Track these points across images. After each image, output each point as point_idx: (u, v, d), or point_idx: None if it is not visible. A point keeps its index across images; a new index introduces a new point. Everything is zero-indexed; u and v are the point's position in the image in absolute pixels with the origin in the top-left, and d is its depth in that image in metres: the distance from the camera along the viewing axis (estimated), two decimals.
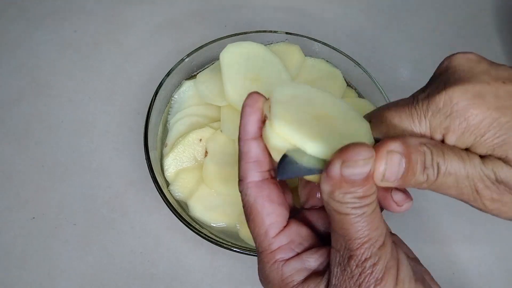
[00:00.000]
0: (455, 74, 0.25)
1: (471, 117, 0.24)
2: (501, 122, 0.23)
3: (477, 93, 0.24)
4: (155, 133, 0.43)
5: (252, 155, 0.25)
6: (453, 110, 0.24)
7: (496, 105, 0.24)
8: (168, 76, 0.44)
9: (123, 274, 0.40)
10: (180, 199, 0.41)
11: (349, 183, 0.22)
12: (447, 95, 0.24)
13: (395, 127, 0.26)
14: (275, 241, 0.25)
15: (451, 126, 0.24)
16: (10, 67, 0.51)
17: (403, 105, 0.26)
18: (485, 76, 0.24)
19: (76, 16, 0.56)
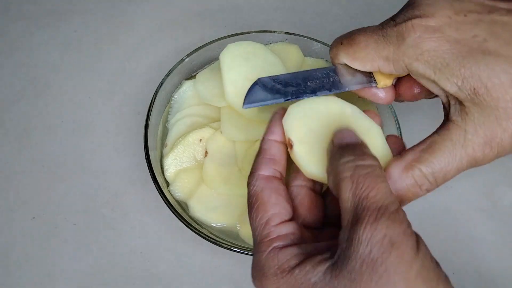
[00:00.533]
0: (420, 7, 0.27)
1: (431, 49, 0.25)
2: (462, 53, 0.24)
3: (437, 27, 0.25)
4: (155, 133, 0.43)
5: (269, 153, 0.27)
6: (416, 42, 0.26)
7: (455, 38, 0.25)
8: (168, 76, 0.44)
9: (123, 274, 0.40)
10: (180, 199, 0.41)
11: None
12: (412, 28, 0.26)
13: (362, 50, 0.28)
14: (275, 229, 0.24)
15: (414, 56, 0.26)
16: (10, 67, 0.51)
17: (372, 31, 0.28)
18: (447, 11, 0.26)
19: (76, 16, 0.56)
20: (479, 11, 0.25)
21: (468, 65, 0.24)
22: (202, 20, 0.56)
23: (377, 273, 0.20)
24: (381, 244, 0.20)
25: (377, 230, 0.20)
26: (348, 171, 0.22)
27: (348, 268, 0.20)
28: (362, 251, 0.20)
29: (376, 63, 0.28)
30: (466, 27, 0.25)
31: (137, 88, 0.51)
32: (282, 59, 0.44)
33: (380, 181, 0.22)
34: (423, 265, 0.20)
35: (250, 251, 0.37)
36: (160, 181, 0.39)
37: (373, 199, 0.21)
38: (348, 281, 0.20)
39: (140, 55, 0.53)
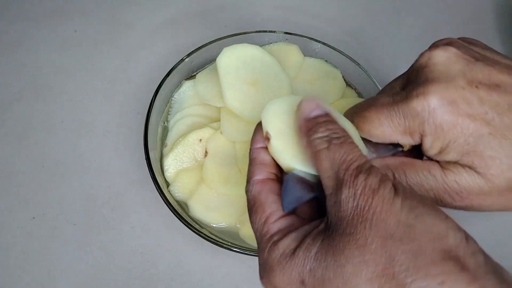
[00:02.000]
0: (433, 74, 0.26)
1: (444, 124, 0.25)
2: (470, 130, 0.25)
3: (452, 100, 0.25)
4: (155, 133, 0.43)
5: (259, 159, 0.27)
6: (429, 116, 0.26)
7: (467, 112, 0.25)
8: (168, 76, 0.44)
9: (123, 274, 0.40)
10: (180, 199, 0.41)
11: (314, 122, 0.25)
12: (425, 101, 0.25)
13: (377, 128, 0.28)
14: (273, 225, 0.25)
15: (427, 131, 0.26)
16: (10, 67, 0.51)
17: (382, 105, 0.28)
18: (461, 80, 0.26)
19: (76, 16, 0.56)
20: (487, 84, 0.26)
21: (473, 144, 0.25)
22: (202, 20, 0.56)
23: (367, 219, 0.21)
24: (364, 194, 0.21)
25: (358, 184, 0.22)
26: (324, 144, 0.24)
27: (342, 227, 0.22)
28: (350, 206, 0.22)
29: (395, 138, 0.28)
30: (478, 102, 0.25)
31: (137, 88, 0.51)
32: (281, 59, 0.44)
33: (353, 146, 0.24)
34: (405, 197, 0.21)
35: (250, 251, 0.37)
36: (160, 181, 0.39)
37: (350, 162, 0.23)
38: (345, 237, 0.21)
39: (140, 55, 0.53)
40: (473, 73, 0.26)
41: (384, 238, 0.20)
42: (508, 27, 0.58)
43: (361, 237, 0.21)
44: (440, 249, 0.20)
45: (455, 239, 0.20)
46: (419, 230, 0.20)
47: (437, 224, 0.21)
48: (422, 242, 0.20)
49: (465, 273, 0.19)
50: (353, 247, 0.21)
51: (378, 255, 0.20)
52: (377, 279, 0.20)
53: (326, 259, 0.21)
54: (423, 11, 0.60)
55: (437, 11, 0.60)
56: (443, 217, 0.21)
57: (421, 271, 0.19)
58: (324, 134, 0.24)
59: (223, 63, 0.41)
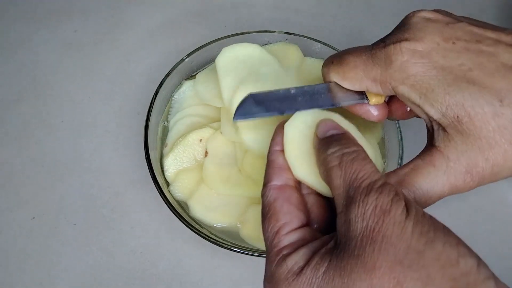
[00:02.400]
0: (410, 30, 0.27)
1: (418, 74, 0.26)
2: (447, 80, 0.25)
3: (425, 53, 0.26)
4: (155, 133, 0.43)
5: (277, 163, 0.27)
6: (403, 65, 0.26)
7: (442, 64, 0.25)
8: (168, 76, 0.44)
9: (123, 274, 0.40)
10: (180, 199, 0.41)
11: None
12: (400, 50, 0.26)
13: (351, 70, 0.29)
14: (285, 238, 0.24)
15: (400, 79, 0.26)
16: (10, 67, 0.51)
17: (361, 51, 0.29)
18: (436, 36, 0.26)
19: (76, 16, 0.56)
20: (467, 40, 0.26)
21: (453, 93, 0.25)
22: (202, 20, 0.56)
23: (376, 241, 0.20)
24: (374, 214, 0.21)
25: (369, 204, 0.21)
26: (336, 160, 0.24)
27: (351, 247, 0.21)
28: (359, 227, 0.21)
29: (364, 84, 0.29)
30: (453, 55, 0.26)
31: (137, 88, 0.51)
32: (281, 59, 0.44)
33: (366, 162, 0.23)
34: (416, 221, 0.21)
35: (250, 251, 0.37)
36: (160, 181, 0.39)
37: (362, 179, 0.22)
38: (353, 259, 0.21)
39: (140, 55, 0.53)
40: (451, 31, 0.26)
41: (393, 263, 0.20)
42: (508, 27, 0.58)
43: (370, 261, 0.20)
44: (450, 277, 0.19)
45: (465, 265, 0.20)
46: (429, 257, 0.20)
47: (448, 251, 0.20)
48: (431, 270, 0.20)
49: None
50: (361, 270, 0.20)
51: (386, 280, 0.20)
52: None
53: (334, 280, 0.21)
54: None
55: None
56: (454, 243, 0.21)
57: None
58: (335, 149, 0.24)
59: (222, 64, 0.40)
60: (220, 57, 0.41)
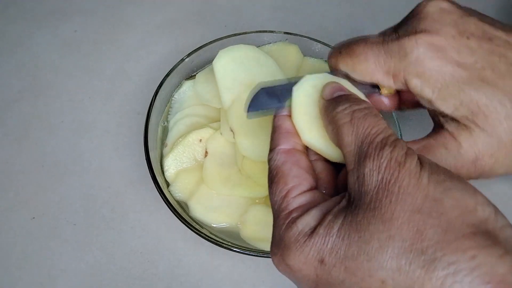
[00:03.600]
0: (426, 21, 0.27)
1: (433, 69, 0.25)
2: (461, 77, 0.25)
3: (440, 47, 0.25)
4: (155, 133, 0.43)
5: (284, 127, 0.26)
6: (419, 59, 0.26)
7: (457, 60, 0.25)
8: (168, 76, 0.44)
9: (123, 274, 0.40)
10: (180, 200, 0.41)
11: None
12: (415, 42, 0.26)
13: (361, 63, 0.28)
14: (294, 200, 0.24)
15: (414, 73, 0.26)
16: (10, 67, 0.51)
17: (372, 43, 0.28)
18: (452, 29, 0.26)
19: (76, 16, 0.56)
20: (480, 36, 0.26)
21: (467, 90, 0.25)
22: (202, 20, 0.56)
23: (393, 192, 0.20)
24: (389, 167, 0.21)
25: (383, 157, 0.21)
26: (347, 117, 0.23)
27: (367, 202, 0.21)
28: (374, 180, 0.21)
29: (376, 77, 0.28)
30: (468, 51, 0.26)
31: (137, 88, 0.51)
32: (281, 59, 0.44)
33: (379, 119, 0.23)
34: (432, 171, 0.21)
35: (250, 251, 0.37)
36: (160, 181, 0.39)
37: (375, 135, 0.22)
38: (370, 212, 0.20)
39: (140, 55, 0.53)
40: (465, 25, 0.26)
41: (411, 212, 0.20)
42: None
43: (387, 212, 0.20)
44: (469, 224, 0.19)
45: (483, 213, 0.20)
46: (448, 205, 0.20)
47: (466, 199, 0.20)
48: (451, 217, 0.19)
49: (497, 247, 0.19)
50: (379, 222, 0.20)
51: (405, 230, 0.19)
52: (405, 254, 0.19)
53: (350, 236, 0.20)
54: None
55: None
56: (472, 192, 0.21)
57: (451, 246, 0.19)
58: (346, 106, 0.24)
59: (219, 66, 0.40)
60: (217, 59, 0.40)
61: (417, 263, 0.19)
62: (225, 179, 0.40)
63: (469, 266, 0.18)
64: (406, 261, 0.19)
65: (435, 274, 0.18)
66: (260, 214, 0.39)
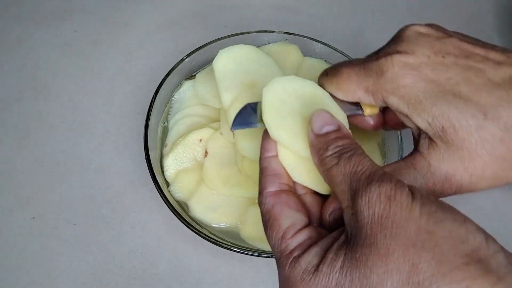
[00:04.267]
0: (403, 43, 0.28)
1: (407, 85, 0.27)
2: (434, 93, 0.26)
3: (415, 65, 0.27)
4: (155, 133, 0.43)
5: (270, 169, 0.28)
6: (393, 77, 0.27)
7: (430, 77, 0.26)
8: (168, 76, 0.44)
9: (123, 274, 0.40)
10: (180, 200, 0.41)
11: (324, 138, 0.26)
12: (391, 62, 0.27)
13: (344, 81, 0.30)
14: (292, 241, 0.25)
15: (390, 90, 0.27)
16: (10, 67, 0.51)
17: (355, 64, 0.30)
18: (427, 50, 0.27)
19: (76, 16, 0.56)
20: (456, 55, 0.27)
21: (439, 104, 0.26)
22: (202, 20, 0.56)
23: (386, 227, 0.21)
24: (379, 201, 0.22)
25: (372, 192, 0.22)
26: (335, 160, 0.25)
27: (362, 237, 0.22)
28: (367, 216, 0.22)
29: (357, 94, 0.29)
30: (442, 69, 0.26)
31: (137, 88, 0.51)
32: (280, 59, 0.44)
33: (363, 157, 0.24)
34: (423, 202, 0.21)
35: (250, 251, 0.37)
36: (160, 181, 0.39)
37: (362, 171, 0.23)
38: (367, 248, 0.21)
39: (140, 55, 0.53)
40: (442, 45, 0.27)
41: (405, 246, 0.20)
42: (508, 27, 0.58)
43: (383, 247, 0.21)
44: (462, 254, 0.20)
45: (475, 241, 0.20)
46: (440, 236, 0.20)
47: (457, 229, 0.21)
48: (444, 249, 0.20)
49: (489, 275, 0.19)
50: (376, 258, 0.21)
51: (401, 264, 0.20)
52: (403, 287, 0.20)
53: (352, 273, 0.21)
54: (424, 11, 0.60)
55: (438, 11, 0.60)
56: (462, 221, 0.21)
57: (446, 278, 0.19)
58: (334, 151, 0.25)
59: (219, 66, 0.40)
60: (217, 59, 0.40)
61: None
62: (225, 179, 0.40)
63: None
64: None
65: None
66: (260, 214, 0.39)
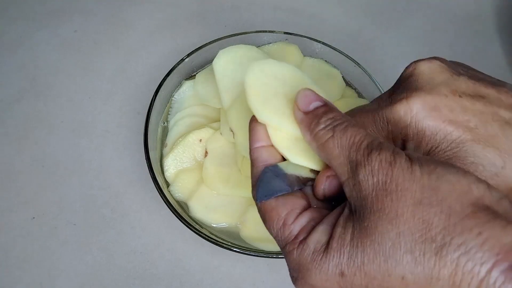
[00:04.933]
0: (417, 82, 0.27)
1: (427, 129, 0.26)
2: (452, 136, 0.25)
3: (434, 106, 0.26)
4: (155, 133, 0.43)
5: (261, 159, 0.27)
6: (412, 121, 0.26)
7: (450, 119, 0.25)
8: (168, 76, 0.44)
9: (123, 274, 0.40)
10: (180, 200, 0.41)
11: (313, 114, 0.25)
12: (408, 105, 0.26)
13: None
14: (294, 226, 0.24)
15: (409, 135, 0.26)
16: (10, 67, 0.51)
17: (367, 111, 0.28)
18: (444, 88, 0.26)
19: (76, 16, 0.56)
20: (471, 95, 0.26)
21: (457, 151, 0.25)
22: (202, 20, 0.56)
23: (392, 191, 0.21)
24: (381, 168, 0.22)
25: (373, 160, 0.22)
26: (329, 133, 0.24)
27: (369, 206, 0.21)
28: (371, 184, 0.22)
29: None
30: (460, 110, 0.26)
31: (137, 88, 0.51)
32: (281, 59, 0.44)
33: (358, 127, 0.24)
34: (421, 163, 0.22)
35: (250, 251, 0.37)
36: (160, 181, 0.39)
37: (359, 142, 0.23)
38: (375, 215, 0.21)
39: (140, 55, 0.53)
40: (456, 84, 0.27)
41: (413, 206, 0.20)
42: (508, 27, 0.58)
43: (391, 211, 0.21)
44: (468, 203, 0.20)
45: (478, 190, 0.21)
46: (444, 190, 0.20)
47: (459, 181, 0.21)
48: (450, 201, 0.20)
49: (498, 220, 0.19)
50: (385, 223, 0.21)
51: (412, 223, 0.20)
52: (417, 246, 0.20)
53: (363, 242, 0.21)
54: (424, 11, 0.60)
55: (438, 11, 0.60)
56: (462, 173, 0.21)
57: (457, 228, 0.19)
58: (326, 124, 0.25)
59: (219, 67, 0.40)
60: (217, 60, 0.40)
61: (430, 251, 0.20)
62: (225, 179, 0.40)
63: (477, 243, 0.19)
64: (419, 252, 0.20)
65: (449, 258, 0.19)
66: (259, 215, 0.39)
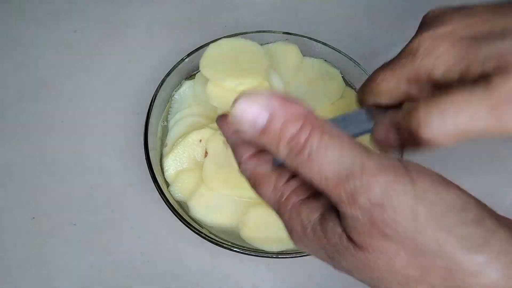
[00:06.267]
0: (429, 22, 0.28)
1: (444, 52, 0.25)
2: (478, 39, 0.24)
3: (444, 33, 0.26)
4: (155, 133, 0.43)
5: (239, 141, 0.26)
6: (427, 49, 0.26)
7: (468, 35, 0.25)
8: (168, 76, 0.44)
9: (123, 274, 0.40)
10: (180, 200, 0.41)
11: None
12: (422, 39, 0.26)
13: (382, 82, 0.27)
14: (285, 187, 0.23)
15: (431, 64, 0.25)
16: (10, 67, 0.51)
17: (384, 64, 0.28)
18: (455, 21, 0.26)
19: (76, 16, 0.56)
20: (489, 19, 0.25)
21: (486, 45, 0.24)
22: (202, 20, 0.56)
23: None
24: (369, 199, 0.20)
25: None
26: (305, 161, 0.21)
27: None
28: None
29: (400, 90, 0.27)
30: (478, 25, 0.25)
31: (137, 88, 0.51)
32: (281, 59, 0.44)
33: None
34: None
35: (250, 251, 0.37)
36: (160, 181, 0.39)
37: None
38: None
39: (140, 55, 0.53)
40: (470, 12, 0.26)
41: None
42: None
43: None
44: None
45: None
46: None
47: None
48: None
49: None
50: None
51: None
52: None
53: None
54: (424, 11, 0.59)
55: None
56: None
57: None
58: (287, 152, 0.21)
59: (205, 66, 0.42)
60: (202, 61, 0.42)
61: None
62: (225, 179, 0.40)
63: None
64: None
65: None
66: (260, 215, 0.39)
